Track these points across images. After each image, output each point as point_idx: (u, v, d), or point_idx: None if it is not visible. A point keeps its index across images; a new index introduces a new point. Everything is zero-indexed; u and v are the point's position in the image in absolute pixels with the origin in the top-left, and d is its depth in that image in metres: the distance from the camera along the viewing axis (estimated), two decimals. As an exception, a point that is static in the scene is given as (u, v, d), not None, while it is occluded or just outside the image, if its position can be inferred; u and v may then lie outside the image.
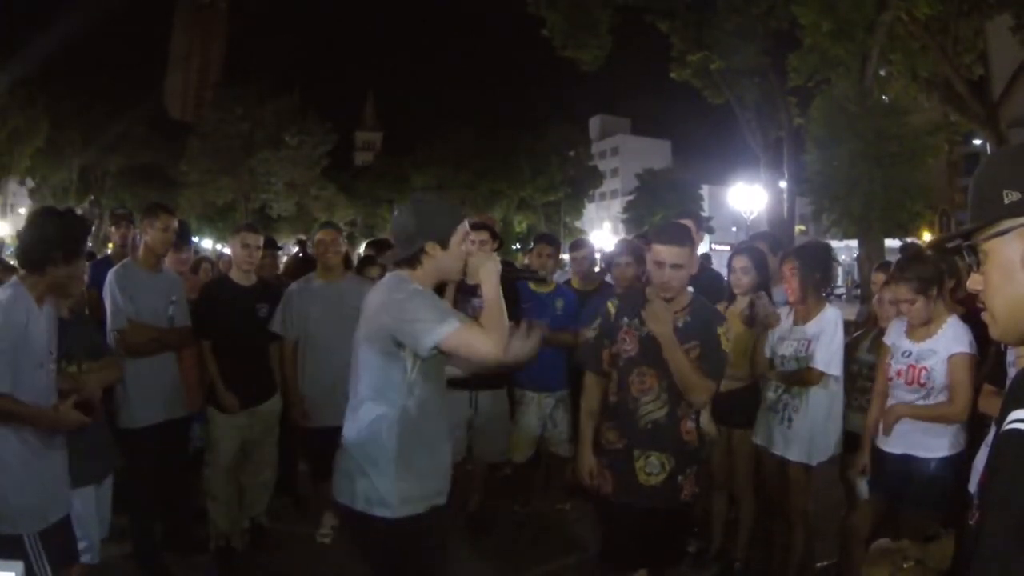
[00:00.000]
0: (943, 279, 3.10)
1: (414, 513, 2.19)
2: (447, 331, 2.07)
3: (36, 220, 2.65)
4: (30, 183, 39.37)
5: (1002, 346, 2.78)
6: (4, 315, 2.36)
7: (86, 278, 3.45)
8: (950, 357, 3.02)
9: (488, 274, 2.22)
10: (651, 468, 2.76)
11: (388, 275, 2.28)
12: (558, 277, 5.33)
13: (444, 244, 2.24)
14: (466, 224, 2.32)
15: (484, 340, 2.11)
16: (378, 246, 5.73)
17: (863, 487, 3.41)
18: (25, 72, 31.06)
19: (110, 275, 3.75)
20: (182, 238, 4.53)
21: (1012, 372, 2.68)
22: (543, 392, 4.58)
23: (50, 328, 2.56)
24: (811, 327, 3.50)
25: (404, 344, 2.12)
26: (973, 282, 1.12)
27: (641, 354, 2.80)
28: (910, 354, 3.14)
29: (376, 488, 2.16)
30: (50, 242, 2.50)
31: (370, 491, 2.17)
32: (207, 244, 37.79)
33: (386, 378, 2.17)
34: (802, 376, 3.45)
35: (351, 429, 2.25)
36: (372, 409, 2.19)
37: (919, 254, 3.22)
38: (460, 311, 4.14)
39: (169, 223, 3.86)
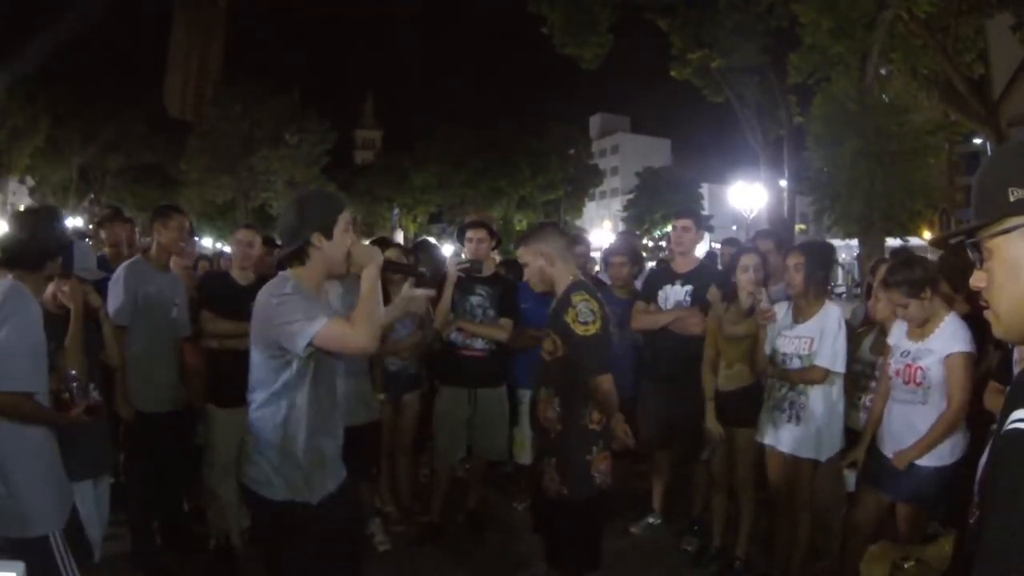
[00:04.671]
0: (936, 280, 3.11)
1: (300, 500, 2.28)
2: (316, 328, 2.13)
3: (30, 221, 2.74)
4: (30, 182, 39.36)
5: (1009, 343, 2.77)
6: (35, 312, 2.40)
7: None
8: (947, 357, 3.03)
9: (367, 268, 2.30)
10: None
11: (274, 279, 2.34)
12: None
13: (328, 234, 2.28)
14: (347, 215, 2.35)
15: (352, 334, 2.18)
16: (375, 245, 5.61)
17: (850, 480, 3.44)
18: (25, 71, 31.05)
19: (120, 270, 3.76)
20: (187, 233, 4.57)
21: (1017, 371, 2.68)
22: None
23: None
24: (812, 325, 3.50)
25: (285, 347, 2.19)
26: (976, 279, 1.10)
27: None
28: (908, 353, 3.16)
29: (265, 471, 2.28)
30: (47, 241, 2.61)
31: (259, 474, 2.29)
32: (207, 242, 37.67)
33: (275, 378, 2.26)
34: (807, 375, 3.45)
35: (255, 424, 2.34)
36: (267, 407, 2.28)
37: (908, 259, 3.25)
38: (458, 307, 4.20)
39: (183, 224, 3.99)
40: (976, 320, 2.90)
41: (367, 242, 5.71)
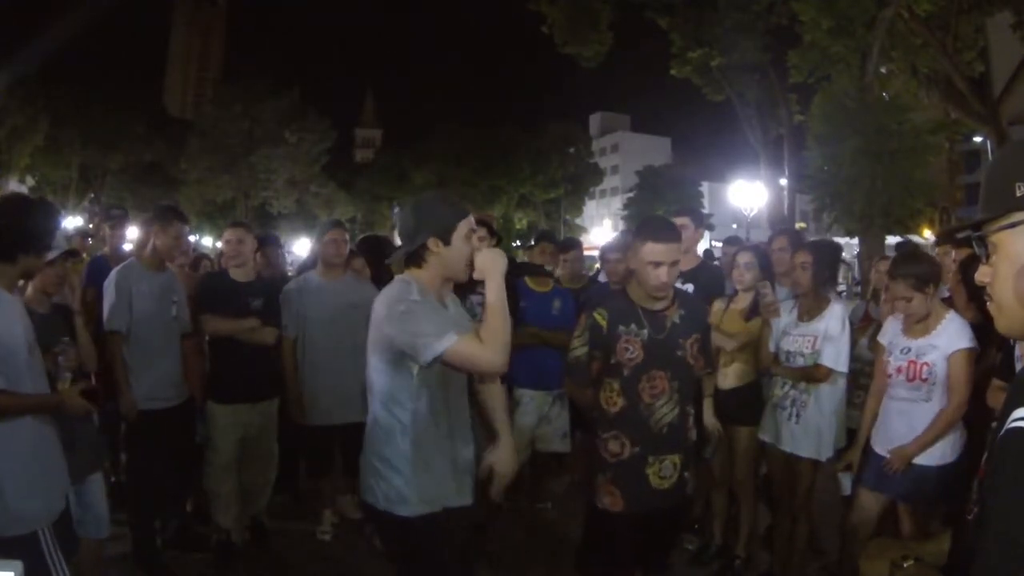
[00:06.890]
0: (939, 276, 3.09)
1: (430, 512, 2.19)
2: (445, 346, 2.04)
3: (9, 208, 2.55)
4: (30, 181, 39.32)
5: (1012, 341, 2.76)
6: (3, 306, 2.25)
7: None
8: (952, 354, 3.01)
9: (493, 275, 2.16)
10: (665, 471, 2.71)
11: (395, 280, 2.26)
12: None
13: (446, 240, 2.19)
14: (471, 221, 2.25)
15: (483, 352, 2.09)
16: (368, 243, 5.38)
17: (846, 483, 3.41)
18: (24, 71, 31.02)
19: (112, 275, 3.75)
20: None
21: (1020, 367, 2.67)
22: (541, 391, 4.57)
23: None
24: (818, 324, 3.48)
25: (407, 355, 2.12)
26: (981, 274, 1.11)
27: (648, 359, 2.71)
28: (909, 350, 3.11)
29: (395, 488, 2.17)
30: (23, 232, 2.43)
31: (390, 491, 2.18)
32: (207, 242, 37.65)
33: (395, 384, 2.18)
34: (811, 373, 3.44)
35: (370, 432, 2.27)
36: (385, 414, 2.20)
37: (915, 252, 3.22)
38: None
39: (181, 231, 3.93)
40: (983, 327, 2.88)
41: (359, 240, 5.72)
